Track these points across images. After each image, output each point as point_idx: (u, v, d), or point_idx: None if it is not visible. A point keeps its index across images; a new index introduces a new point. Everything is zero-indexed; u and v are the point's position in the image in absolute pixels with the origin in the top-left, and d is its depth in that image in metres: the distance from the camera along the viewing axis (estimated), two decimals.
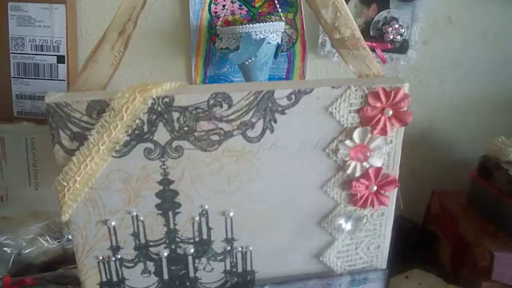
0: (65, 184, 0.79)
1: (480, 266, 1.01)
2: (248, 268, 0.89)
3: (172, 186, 0.81)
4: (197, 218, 0.84)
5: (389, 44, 1.13)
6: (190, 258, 0.87)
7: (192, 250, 0.86)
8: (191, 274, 0.88)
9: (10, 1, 1.11)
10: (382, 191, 0.84)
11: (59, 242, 1.12)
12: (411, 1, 1.12)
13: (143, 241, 0.85)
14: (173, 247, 0.86)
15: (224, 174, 0.81)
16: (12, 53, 1.14)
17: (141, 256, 0.86)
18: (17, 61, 1.14)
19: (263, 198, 0.84)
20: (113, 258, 0.86)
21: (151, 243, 0.85)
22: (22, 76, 1.15)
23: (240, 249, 0.87)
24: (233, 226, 0.86)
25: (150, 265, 0.87)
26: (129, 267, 0.87)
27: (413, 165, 1.29)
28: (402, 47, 1.17)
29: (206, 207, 0.83)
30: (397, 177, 0.84)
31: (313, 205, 0.86)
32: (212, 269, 0.88)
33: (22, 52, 1.14)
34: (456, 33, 1.22)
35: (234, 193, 0.83)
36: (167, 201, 0.82)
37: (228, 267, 0.88)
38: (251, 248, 0.87)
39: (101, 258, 0.85)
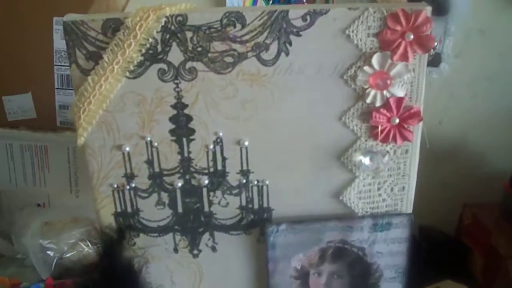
0: (80, 105, 0.80)
1: None
2: (265, 205, 0.87)
3: (186, 111, 0.81)
4: (211, 147, 0.83)
5: None
6: (204, 191, 0.86)
7: (206, 182, 0.85)
8: (206, 208, 0.87)
9: (56, 16, 1.15)
10: (405, 125, 0.81)
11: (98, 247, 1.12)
12: (444, 15, 1.11)
13: (157, 169, 0.85)
14: (187, 177, 0.85)
15: (239, 99, 0.81)
16: (56, 65, 1.18)
17: (155, 186, 0.86)
18: (61, 73, 1.15)
19: (279, 128, 0.82)
20: (128, 187, 0.86)
21: (165, 172, 0.85)
22: (65, 88, 1.19)
23: (256, 182, 0.86)
24: (248, 157, 0.84)
25: (164, 196, 0.87)
26: (143, 197, 0.87)
27: (445, 177, 1.29)
28: (434, 61, 1.16)
29: (221, 134, 0.83)
30: (421, 110, 0.79)
31: (331, 138, 0.83)
32: (227, 203, 0.87)
33: (66, 64, 1.16)
34: (489, 46, 1.21)
35: (249, 121, 0.82)
36: (181, 126, 0.82)
37: (243, 203, 0.87)
38: (267, 182, 0.86)
39: (115, 186, 0.86)
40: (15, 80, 1.12)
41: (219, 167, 0.85)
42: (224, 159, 0.84)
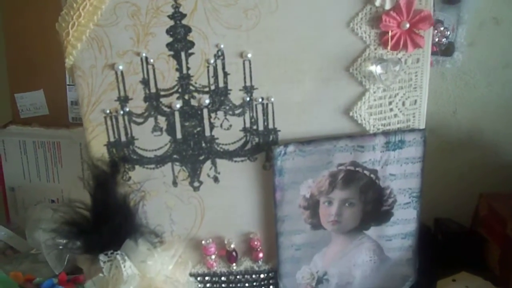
0: (69, 19, 0.76)
1: None
2: (270, 126, 0.83)
3: (184, 21, 0.78)
4: (212, 61, 0.79)
5: (434, 47, 1.11)
6: (205, 112, 0.82)
7: (207, 101, 0.81)
8: (207, 133, 0.83)
9: None
10: (416, 30, 0.78)
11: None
12: (456, 4, 1.13)
13: (153, 90, 0.80)
14: (186, 97, 0.81)
15: (241, 6, 0.78)
16: None
17: (152, 109, 0.81)
18: None
19: (284, 37, 0.79)
20: (121, 112, 0.81)
21: (162, 93, 0.81)
22: None
23: (260, 100, 0.82)
24: (252, 72, 0.80)
25: (162, 121, 0.82)
26: (138, 123, 0.82)
27: (461, 168, 1.28)
28: (448, 50, 1.16)
29: (222, 46, 0.79)
30: (432, 14, 0.79)
31: (339, 47, 0.80)
32: (230, 125, 0.83)
33: None
34: (503, 34, 1.20)
35: (252, 30, 0.78)
36: (179, 39, 0.78)
37: (247, 124, 0.83)
38: (272, 99, 0.82)
39: (108, 112, 0.81)
40: (27, 77, 1.15)
41: (221, 84, 0.81)
42: (225, 74, 0.80)
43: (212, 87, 0.81)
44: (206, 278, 0.91)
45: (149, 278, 0.84)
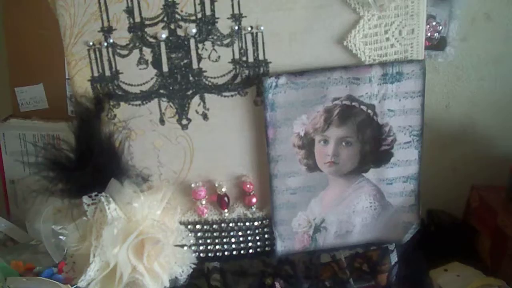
0: None
1: None
2: (261, 57, 0.81)
3: None
4: None
5: (426, 42, 1.13)
6: (192, 43, 0.80)
7: (194, 30, 0.79)
8: (195, 65, 0.80)
9: None
10: None
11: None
12: None
13: (138, 19, 0.79)
14: (172, 27, 0.79)
15: None
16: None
17: (136, 40, 0.79)
18: None
19: None
20: (105, 43, 0.79)
21: (147, 22, 0.79)
22: None
23: (249, 29, 0.80)
24: None
25: (147, 52, 0.80)
26: (123, 56, 0.80)
27: (453, 161, 1.30)
28: (440, 44, 1.17)
29: None
30: None
31: None
32: (219, 57, 0.80)
33: None
34: (495, 30, 1.22)
35: None
36: None
37: (236, 55, 0.80)
38: (262, 28, 0.80)
39: (91, 44, 0.79)
40: (27, 72, 1.18)
41: (208, 11, 0.79)
42: (212, 1, 0.79)
43: (199, 15, 0.79)
44: (197, 226, 0.88)
45: (135, 221, 0.81)
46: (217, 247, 0.89)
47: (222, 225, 0.88)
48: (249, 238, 0.89)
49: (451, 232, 1.17)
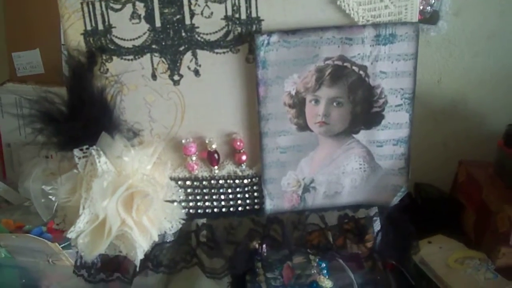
0: None
1: (500, 231, 1.04)
2: (253, 14, 0.82)
3: None
4: None
5: (419, 15, 1.11)
6: None
7: None
8: (187, 21, 0.81)
9: None
10: None
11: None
12: None
13: None
14: None
15: None
16: None
17: None
18: None
19: None
20: None
21: None
22: None
23: None
24: None
25: (140, 7, 0.81)
26: (116, 10, 0.81)
27: (444, 136, 1.31)
28: (432, 18, 1.16)
29: None
30: None
31: None
32: (211, 13, 0.81)
33: None
34: (489, 4, 1.22)
35: None
36: None
37: (229, 12, 0.81)
38: None
39: None
40: (24, 37, 1.22)
41: None
42: None
43: None
44: (187, 182, 0.89)
45: (125, 175, 0.82)
46: (206, 203, 0.91)
47: (212, 182, 0.89)
48: (239, 195, 0.90)
49: (438, 206, 1.19)
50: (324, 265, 0.96)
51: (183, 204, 0.89)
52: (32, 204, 1.06)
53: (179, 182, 0.88)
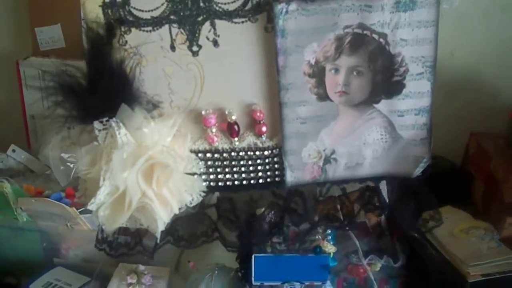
0: None
1: (506, 202, 1.03)
2: None
3: None
4: None
5: None
6: None
7: None
8: None
9: None
10: None
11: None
12: None
13: None
14: None
15: None
16: None
17: None
18: None
19: None
20: None
21: None
22: None
23: None
24: None
25: None
26: None
27: (457, 109, 1.29)
28: None
29: None
30: None
31: None
32: None
33: None
34: None
35: None
36: None
37: None
38: None
39: None
40: (46, 12, 1.24)
41: None
42: None
43: None
44: (208, 154, 0.89)
45: (145, 146, 0.83)
46: (227, 176, 0.90)
47: (232, 154, 0.89)
48: (259, 167, 0.90)
49: (448, 177, 1.17)
50: (330, 231, 0.95)
51: (203, 176, 0.88)
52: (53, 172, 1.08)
53: (199, 155, 0.88)
